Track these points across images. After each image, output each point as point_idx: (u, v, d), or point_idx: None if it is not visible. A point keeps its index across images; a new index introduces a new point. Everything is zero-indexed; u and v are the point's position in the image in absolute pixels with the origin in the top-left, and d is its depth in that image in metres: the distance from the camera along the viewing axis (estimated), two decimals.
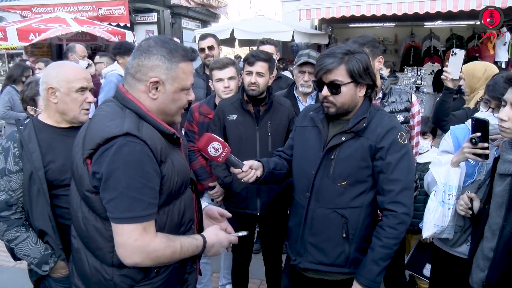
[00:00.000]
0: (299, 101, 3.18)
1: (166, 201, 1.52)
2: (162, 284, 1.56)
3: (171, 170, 1.50)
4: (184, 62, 1.54)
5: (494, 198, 1.85)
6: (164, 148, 1.49)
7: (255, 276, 3.46)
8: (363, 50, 2.02)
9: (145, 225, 1.41)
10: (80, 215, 1.53)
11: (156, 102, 1.53)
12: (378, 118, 1.97)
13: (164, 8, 11.72)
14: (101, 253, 1.51)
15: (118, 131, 1.39)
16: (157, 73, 1.50)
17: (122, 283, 1.51)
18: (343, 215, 1.96)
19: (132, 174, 1.38)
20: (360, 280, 1.93)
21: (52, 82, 2.01)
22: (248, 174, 2.05)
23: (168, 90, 1.53)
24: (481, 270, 1.88)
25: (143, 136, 1.42)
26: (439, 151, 2.34)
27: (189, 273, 1.69)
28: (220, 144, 1.92)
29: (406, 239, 3.34)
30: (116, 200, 1.39)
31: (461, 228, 2.15)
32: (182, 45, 1.60)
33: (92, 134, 1.47)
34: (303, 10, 7.75)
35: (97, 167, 1.41)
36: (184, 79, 1.55)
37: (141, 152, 1.40)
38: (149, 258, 1.44)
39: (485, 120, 1.94)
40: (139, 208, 1.40)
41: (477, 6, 6.56)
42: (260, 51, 2.84)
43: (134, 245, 1.40)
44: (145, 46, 1.52)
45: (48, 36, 8.10)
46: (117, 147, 1.38)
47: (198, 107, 3.11)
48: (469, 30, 11.72)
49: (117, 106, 1.52)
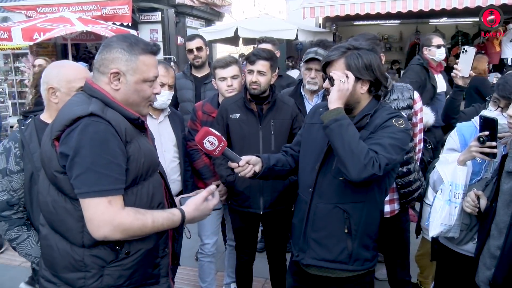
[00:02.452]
0: (306, 100, 3.16)
1: (134, 181, 1.56)
2: (133, 266, 1.59)
3: (137, 151, 1.57)
4: (145, 54, 1.62)
5: (502, 196, 1.83)
6: (130, 130, 1.57)
7: (259, 275, 3.45)
8: (374, 48, 2.00)
9: (111, 199, 1.47)
10: (49, 199, 1.57)
11: (119, 93, 1.61)
12: (380, 112, 1.96)
13: (168, 7, 11.73)
14: (71, 234, 1.54)
15: (83, 112, 1.48)
16: (118, 65, 1.58)
17: (92, 264, 1.54)
18: (345, 210, 1.95)
19: (97, 151, 1.45)
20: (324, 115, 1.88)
21: (52, 82, 2.02)
22: (245, 169, 2.05)
23: (129, 81, 1.60)
24: (488, 269, 1.87)
25: (107, 117, 1.50)
26: (445, 148, 2.32)
27: (162, 257, 1.72)
28: (216, 138, 1.94)
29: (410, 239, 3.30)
30: (82, 176, 1.45)
31: (467, 226, 2.13)
32: (144, 40, 1.68)
33: (59, 118, 1.55)
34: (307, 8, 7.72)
35: (64, 147, 1.48)
36: (145, 71, 1.62)
37: (106, 130, 1.48)
38: (117, 230, 1.47)
39: (494, 118, 1.92)
40: (106, 182, 1.46)
41: (482, 2, 6.51)
42: (262, 50, 2.83)
43: (101, 218, 1.45)
44: (107, 42, 1.63)
45: (52, 35, 8.12)
46: (83, 126, 1.46)
47: (202, 106, 3.10)
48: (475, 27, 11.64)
49: (85, 96, 1.61)
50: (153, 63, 1.66)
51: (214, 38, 9.40)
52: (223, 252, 3.69)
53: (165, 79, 2.74)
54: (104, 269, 1.55)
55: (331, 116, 1.84)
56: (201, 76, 4.07)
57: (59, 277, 1.59)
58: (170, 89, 2.82)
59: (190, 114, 3.19)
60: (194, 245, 3.79)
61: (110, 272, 1.55)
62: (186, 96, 4.00)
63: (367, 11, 7.29)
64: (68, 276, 1.56)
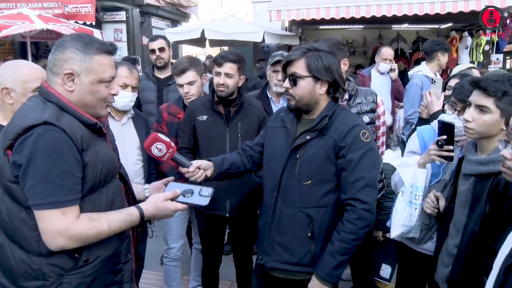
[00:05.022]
0: (272, 102, 3.18)
1: (91, 189, 1.54)
2: (93, 273, 1.56)
3: (94, 158, 1.53)
4: (100, 54, 1.57)
5: (459, 197, 1.91)
6: (86, 137, 1.53)
7: (225, 278, 3.43)
8: (333, 51, 2.04)
9: (65, 210, 1.44)
10: (3, 208, 1.53)
11: (73, 94, 1.56)
12: (342, 117, 2.00)
13: (133, 7, 11.50)
14: (27, 243, 1.51)
15: (36, 121, 1.43)
16: (71, 65, 1.53)
17: (50, 272, 1.50)
18: (308, 214, 1.98)
19: (51, 161, 1.42)
20: (317, 272, 1.95)
21: (6, 82, 1.95)
22: (195, 174, 2.06)
23: (84, 81, 1.55)
24: (445, 266, 1.93)
25: (62, 125, 1.46)
26: (406, 151, 2.39)
27: (124, 263, 1.69)
28: (165, 144, 1.93)
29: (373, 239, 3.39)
30: (36, 187, 1.42)
31: (426, 226, 2.21)
32: (100, 39, 1.63)
33: (12, 125, 1.50)
34: (273, 11, 7.77)
35: (17, 157, 1.44)
36: (100, 71, 1.57)
37: (60, 139, 1.44)
38: (72, 240, 1.46)
39: (451, 123, 2.00)
40: (60, 194, 1.43)
41: (441, 10, 6.76)
42: (229, 52, 2.82)
43: (54, 230, 1.43)
44: (61, 41, 1.58)
45: (10, 33, 7.76)
46: (36, 136, 1.42)
47: (167, 107, 3.06)
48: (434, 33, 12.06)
49: (40, 101, 1.55)
50: (109, 63, 1.61)
51: (180, 39, 9.29)
52: (189, 255, 3.65)
53: (128, 80, 2.67)
54: (63, 277, 1.51)
55: None
56: (163, 78, 4.01)
57: (18, 285, 1.53)
58: (134, 90, 2.74)
59: (152, 116, 3.13)
60: (159, 249, 3.73)
61: (70, 280, 1.51)
62: (148, 97, 3.93)
63: (332, 16, 7.40)
64: (27, 285, 1.51)
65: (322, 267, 1.94)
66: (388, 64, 5.08)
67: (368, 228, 1.94)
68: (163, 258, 3.29)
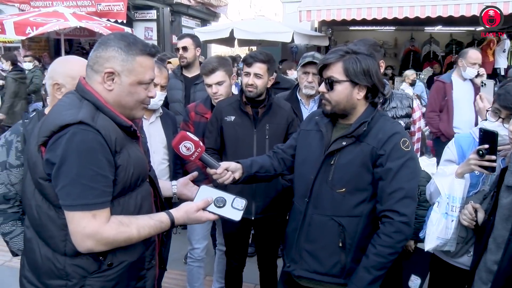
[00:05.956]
0: (302, 104, 3.12)
1: (121, 192, 1.52)
2: (116, 278, 1.53)
3: (126, 161, 1.51)
4: (142, 56, 1.55)
5: (500, 210, 1.79)
6: (120, 139, 1.50)
7: (249, 280, 3.39)
8: (372, 54, 1.96)
9: (95, 213, 1.42)
10: (33, 203, 1.52)
11: (112, 94, 1.54)
12: (381, 123, 1.91)
13: (164, 6, 11.66)
14: (54, 241, 1.50)
15: (72, 120, 1.41)
16: (113, 64, 1.51)
17: (74, 273, 1.49)
18: (340, 224, 1.90)
19: (84, 162, 1.40)
20: (350, 287, 1.88)
21: (58, 77, 1.96)
22: (223, 176, 2.02)
23: (124, 82, 1.53)
24: (484, 283, 1.83)
25: (96, 126, 1.43)
26: (442, 160, 2.28)
27: (148, 269, 1.67)
28: (193, 143, 1.89)
29: None
30: (67, 187, 1.40)
31: (463, 239, 2.09)
32: (143, 41, 1.60)
33: (47, 122, 1.48)
34: (303, 12, 7.69)
35: (51, 154, 1.42)
36: (141, 72, 1.55)
37: (94, 140, 1.41)
38: (101, 243, 1.44)
39: (494, 132, 1.87)
40: (91, 196, 1.41)
41: (478, 11, 6.52)
42: (259, 52, 2.78)
43: (83, 232, 1.41)
44: (104, 39, 1.55)
45: (45, 30, 8.02)
46: (70, 135, 1.40)
47: (195, 106, 3.04)
48: (469, 36, 11.74)
49: (76, 98, 1.53)
50: (150, 65, 1.59)
51: (209, 38, 9.35)
52: (213, 256, 3.63)
53: (158, 79, 2.67)
54: (86, 279, 1.50)
55: None
56: (191, 77, 4.00)
57: (41, 282, 1.54)
58: (163, 89, 2.75)
59: (179, 115, 3.12)
60: (182, 247, 3.73)
61: (92, 283, 1.50)
62: (175, 96, 3.92)
63: (363, 17, 7.28)
64: (50, 282, 1.52)
65: (357, 283, 1.86)
66: (475, 70, 4.46)
67: (405, 242, 1.85)
68: (187, 258, 3.28)
